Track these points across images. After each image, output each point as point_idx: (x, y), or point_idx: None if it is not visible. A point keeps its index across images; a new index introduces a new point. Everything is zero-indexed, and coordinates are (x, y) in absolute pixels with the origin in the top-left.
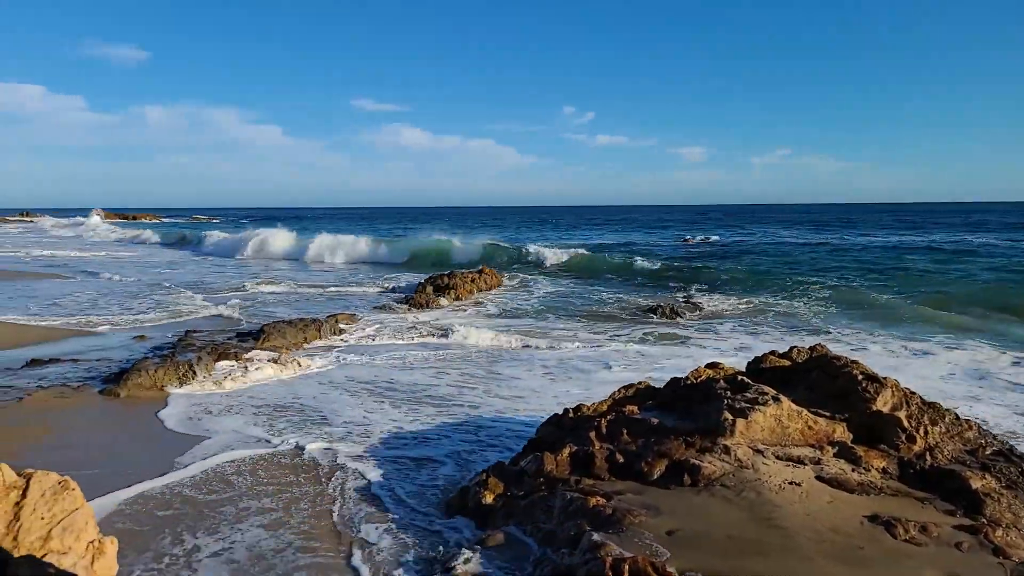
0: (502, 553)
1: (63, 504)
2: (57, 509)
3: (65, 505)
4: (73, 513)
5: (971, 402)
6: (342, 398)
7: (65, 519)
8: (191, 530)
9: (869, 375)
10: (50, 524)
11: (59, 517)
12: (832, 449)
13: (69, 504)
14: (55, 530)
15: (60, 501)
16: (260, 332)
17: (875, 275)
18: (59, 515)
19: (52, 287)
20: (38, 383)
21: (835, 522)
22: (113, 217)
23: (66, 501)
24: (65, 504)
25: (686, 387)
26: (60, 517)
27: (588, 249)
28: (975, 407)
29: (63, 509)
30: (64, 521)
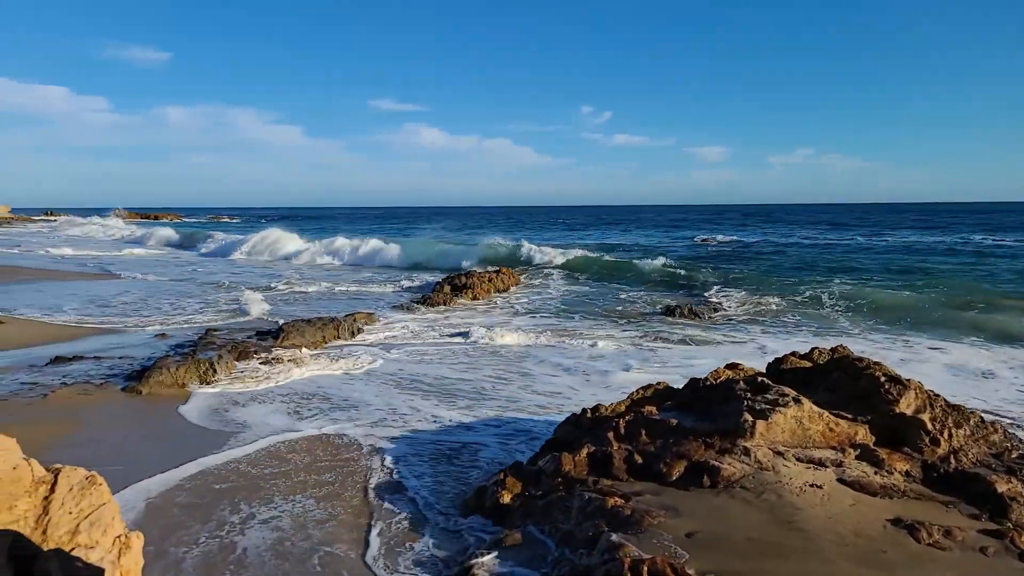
0: (520, 553)
1: (90, 499)
2: (84, 504)
3: (92, 500)
4: (100, 508)
5: (997, 405)
6: (369, 389)
7: (92, 514)
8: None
9: (892, 377)
10: (78, 519)
11: (86, 512)
12: (854, 451)
13: (96, 499)
14: (83, 524)
15: (87, 496)
16: (279, 331)
17: (898, 276)
18: (86, 510)
19: (109, 287)
20: (62, 380)
21: (857, 525)
22: (135, 217)
23: (93, 496)
24: (92, 499)
25: (705, 388)
26: (87, 512)
27: (604, 249)
28: (1000, 410)
29: (90, 504)
30: (91, 516)
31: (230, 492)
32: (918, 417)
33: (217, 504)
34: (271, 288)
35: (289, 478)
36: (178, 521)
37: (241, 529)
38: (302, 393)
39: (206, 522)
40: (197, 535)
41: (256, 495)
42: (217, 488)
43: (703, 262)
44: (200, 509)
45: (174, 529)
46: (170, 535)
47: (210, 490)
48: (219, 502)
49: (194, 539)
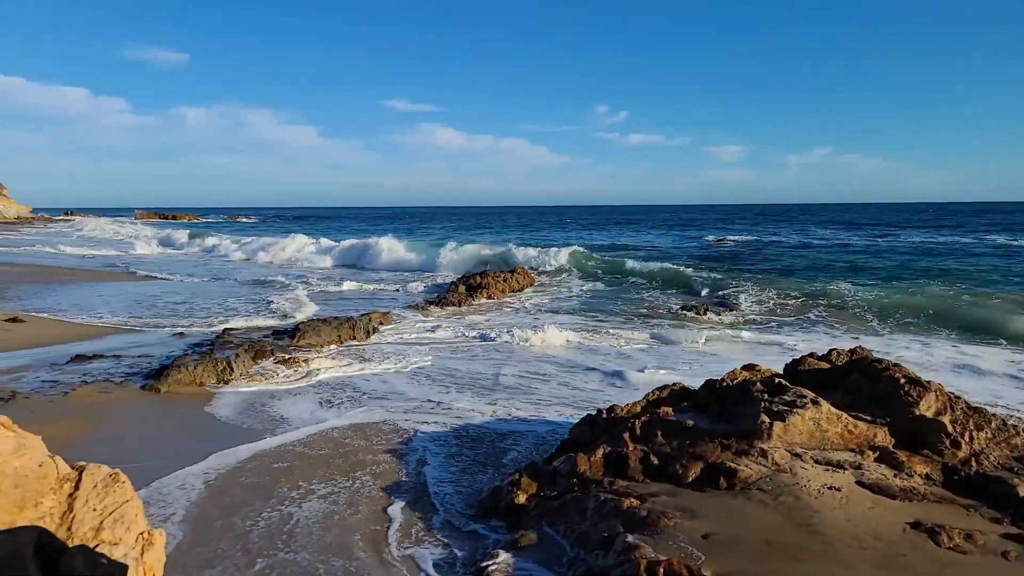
0: (535, 553)
1: (114, 496)
2: (108, 501)
3: (116, 497)
4: (124, 505)
5: (1017, 407)
6: (401, 386)
7: (116, 511)
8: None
9: (912, 378)
10: (102, 516)
11: (110, 509)
12: (873, 454)
13: (120, 496)
14: (107, 521)
15: (111, 493)
16: (296, 330)
17: (920, 276)
18: (110, 507)
19: (152, 287)
20: (82, 378)
21: (876, 528)
22: (152, 216)
23: (117, 493)
24: (116, 496)
25: (722, 389)
26: (111, 509)
27: (618, 249)
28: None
29: (114, 501)
30: (115, 513)
31: (255, 487)
32: (938, 419)
33: (245, 498)
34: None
35: (309, 473)
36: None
37: (267, 522)
38: (333, 387)
39: (237, 511)
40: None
41: (272, 494)
42: (244, 482)
43: (718, 262)
44: (250, 493)
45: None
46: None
47: (245, 479)
48: (250, 493)
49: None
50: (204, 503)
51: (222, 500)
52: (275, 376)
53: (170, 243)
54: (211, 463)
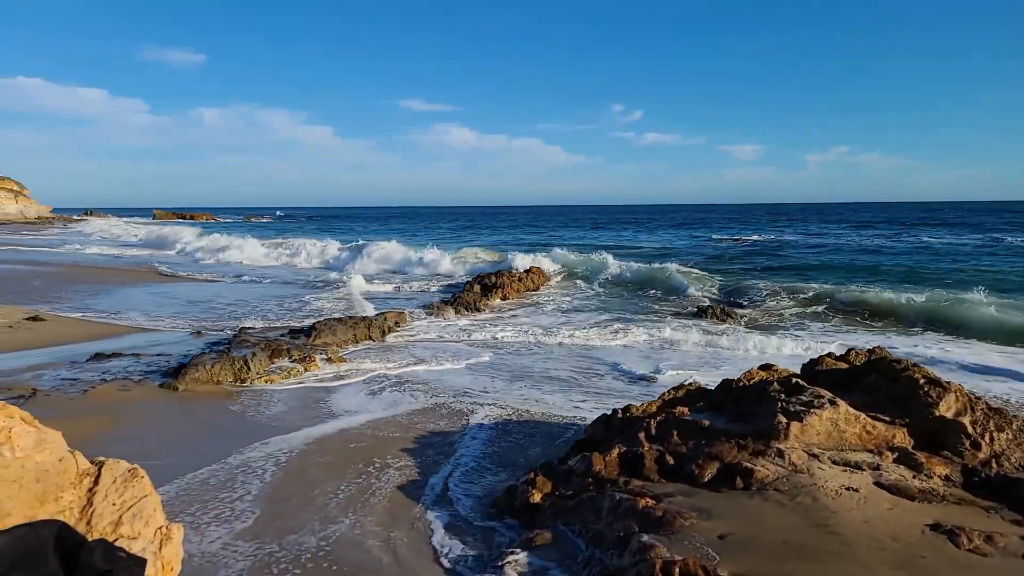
0: (550, 552)
1: (133, 491)
2: (127, 496)
3: (135, 492)
4: (142, 500)
5: None
6: (446, 375)
7: (135, 505)
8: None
9: (931, 379)
10: (121, 510)
11: (129, 504)
12: (892, 455)
13: (139, 491)
14: (125, 516)
15: (130, 488)
16: (311, 329)
17: (946, 275)
18: (129, 502)
19: (214, 289)
20: (101, 376)
21: (895, 530)
22: (171, 217)
23: (136, 488)
24: (135, 491)
25: (738, 389)
26: (130, 504)
27: (634, 250)
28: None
29: (133, 496)
30: (134, 508)
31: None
32: (958, 420)
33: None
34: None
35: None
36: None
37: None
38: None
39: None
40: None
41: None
42: (314, 462)
43: (735, 262)
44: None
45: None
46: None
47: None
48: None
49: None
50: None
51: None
52: (308, 373)
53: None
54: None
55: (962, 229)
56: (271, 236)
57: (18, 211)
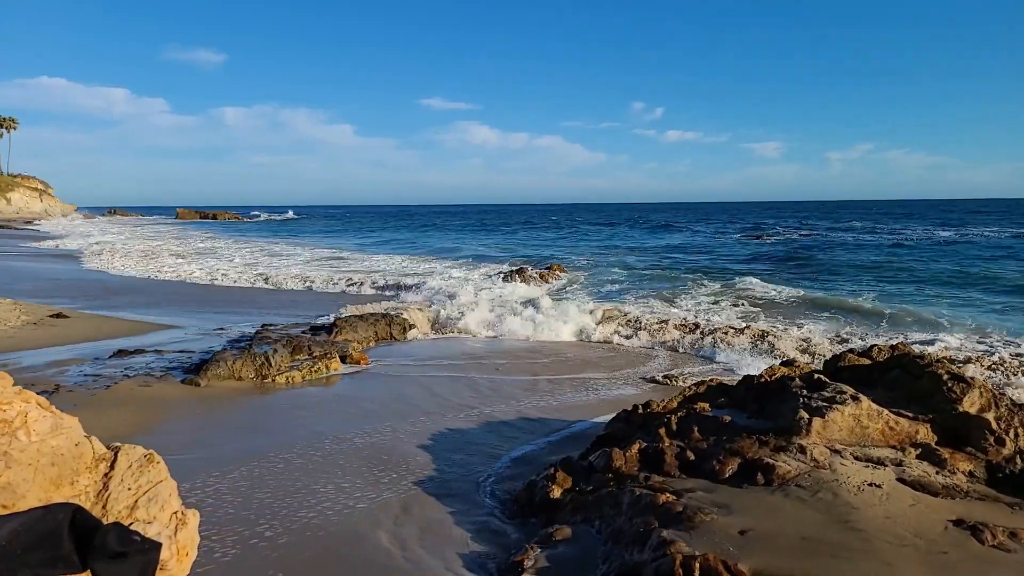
0: (569, 548)
1: (149, 476)
2: (143, 480)
3: (151, 477)
4: (158, 485)
5: None
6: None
7: (151, 490)
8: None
9: (955, 375)
10: (136, 495)
11: (145, 488)
12: (915, 451)
13: (154, 476)
14: (141, 500)
15: (146, 473)
16: (333, 326)
17: (974, 276)
18: (145, 486)
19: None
20: (124, 372)
21: (918, 526)
22: (194, 216)
23: (151, 473)
24: (151, 476)
25: (760, 385)
26: (146, 488)
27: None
28: None
29: (149, 481)
30: (149, 492)
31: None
32: (982, 416)
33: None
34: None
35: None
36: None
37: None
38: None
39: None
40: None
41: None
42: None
43: (755, 260)
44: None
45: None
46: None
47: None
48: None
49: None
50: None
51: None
52: (330, 370)
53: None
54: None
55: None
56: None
57: (43, 210)
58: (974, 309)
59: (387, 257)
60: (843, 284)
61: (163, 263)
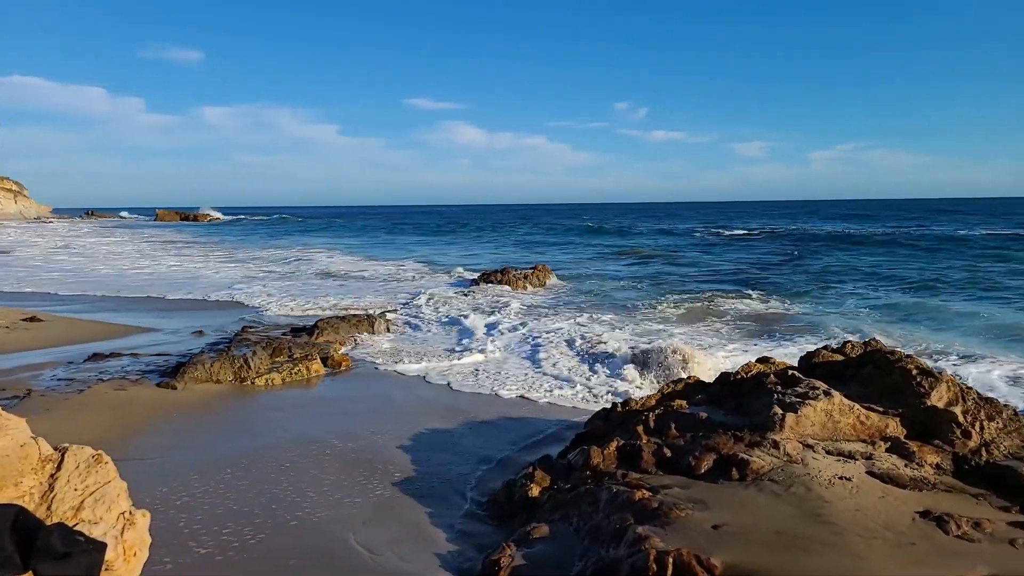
0: (546, 546)
1: (96, 477)
2: (90, 481)
3: (98, 477)
4: (105, 485)
5: None
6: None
7: (98, 491)
8: None
9: (924, 369)
10: (83, 495)
11: (92, 489)
12: (885, 444)
13: (102, 477)
14: (87, 501)
15: (93, 474)
16: (314, 328)
17: (935, 280)
18: (92, 487)
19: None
20: (98, 376)
21: (886, 518)
22: (174, 217)
23: (99, 474)
24: (98, 476)
25: (736, 382)
26: (93, 489)
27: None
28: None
29: (96, 481)
30: (96, 493)
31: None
32: (950, 410)
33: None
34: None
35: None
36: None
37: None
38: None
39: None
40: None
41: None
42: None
43: (735, 262)
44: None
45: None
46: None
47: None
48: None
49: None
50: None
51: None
52: (310, 371)
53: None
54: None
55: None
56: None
57: (17, 211)
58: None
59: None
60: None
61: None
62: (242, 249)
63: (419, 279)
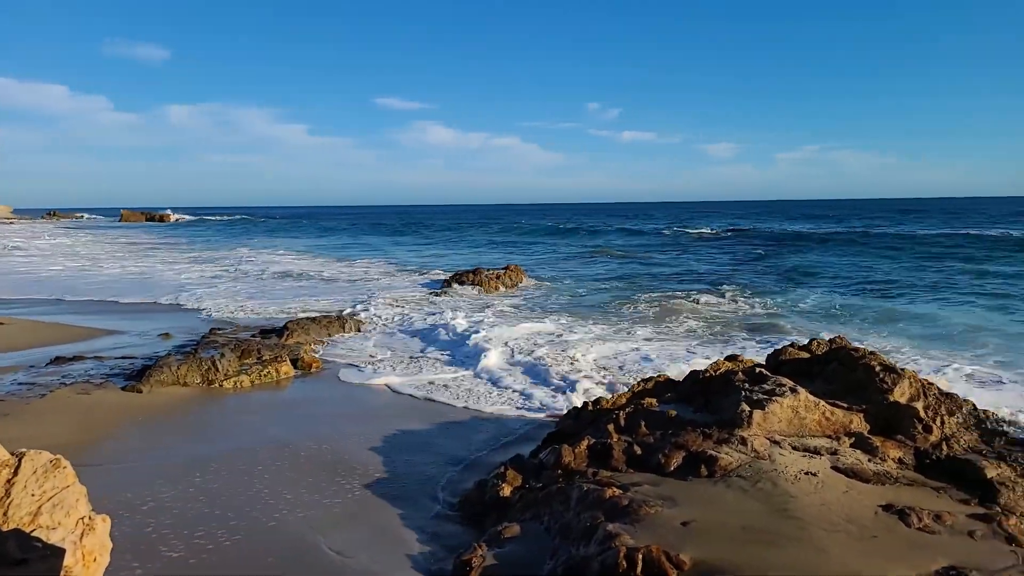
0: (518, 545)
1: (54, 482)
2: (48, 486)
3: (56, 483)
4: (64, 490)
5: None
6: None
7: (55, 496)
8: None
9: (887, 366)
10: (40, 501)
11: (50, 494)
12: (849, 439)
13: (60, 482)
14: (45, 506)
15: (51, 479)
16: (284, 329)
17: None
18: (50, 492)
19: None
20: (61, 380)
21: (850, 512)
22: (139, 217)
23: (57, 479)
24: (56, 482)
25: (704, 380)
26: (51, 494)
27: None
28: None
29: (54, 486)
30: (55, 498)
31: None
32: (912, 405)
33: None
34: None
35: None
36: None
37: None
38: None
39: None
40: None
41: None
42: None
43: (701, 262)
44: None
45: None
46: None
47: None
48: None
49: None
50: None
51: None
52: (279, 373)
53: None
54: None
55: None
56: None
57: None
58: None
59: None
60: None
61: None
62: (203, 250)
63: (389, 280)
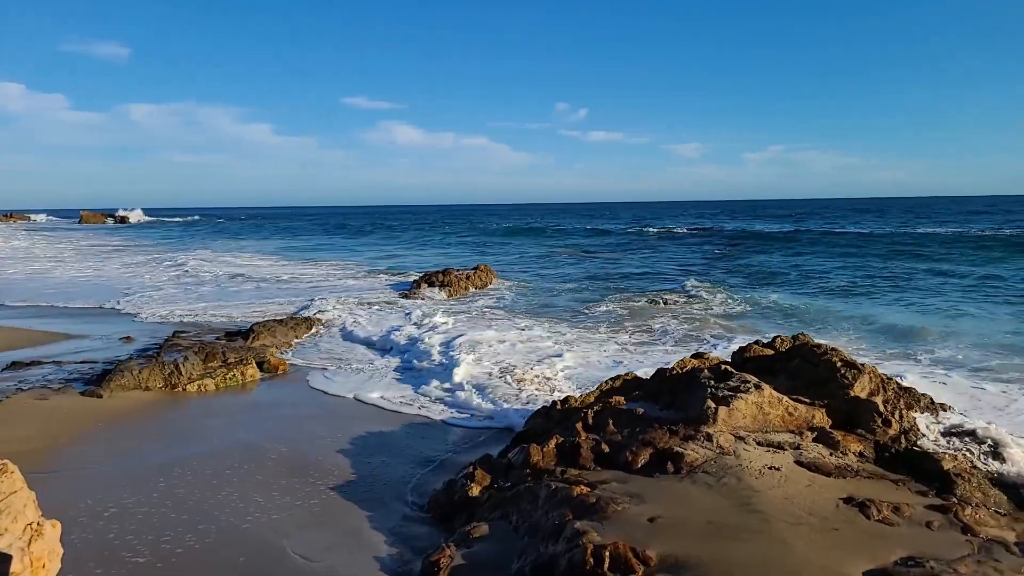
0: (487, 545)
1: (1, 488)
2: None
3: (3, 488)
4: (11, 496)
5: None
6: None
7: (2, 502)
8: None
9: (847, 362)
10: None
11: None
12: (811, 434)
13: (7, 487)
14: None
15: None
16: (249, 332)
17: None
18: None
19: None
20: (17, 385)
21: (812, 505)
22: (100, 219)
23: (4, 484)
24: (3, 487)
25: (671, 377)
26: None
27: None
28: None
29: (1, 492)
30: (0, 504)
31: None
32: (871, 400)
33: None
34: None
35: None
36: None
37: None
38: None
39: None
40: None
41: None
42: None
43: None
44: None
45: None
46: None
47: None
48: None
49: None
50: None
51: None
52: (245, 376)
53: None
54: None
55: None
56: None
57: None
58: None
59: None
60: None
61: None
62: (164, 251)
63: (357, 281)
